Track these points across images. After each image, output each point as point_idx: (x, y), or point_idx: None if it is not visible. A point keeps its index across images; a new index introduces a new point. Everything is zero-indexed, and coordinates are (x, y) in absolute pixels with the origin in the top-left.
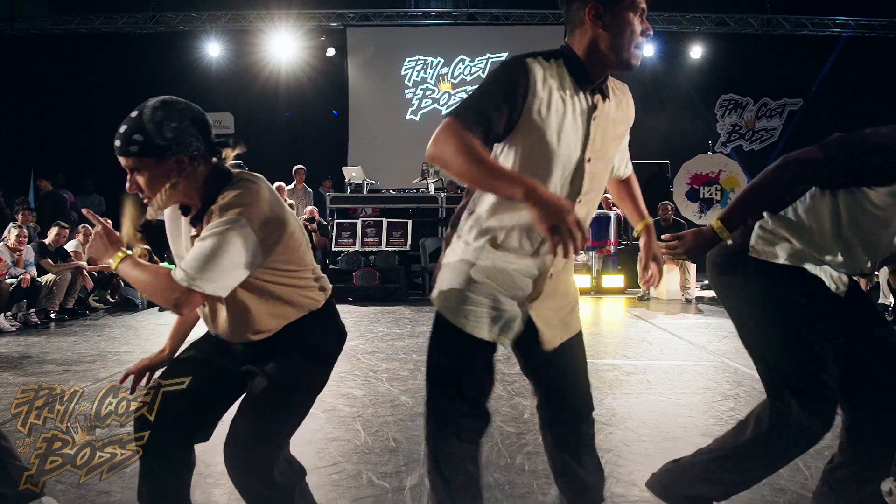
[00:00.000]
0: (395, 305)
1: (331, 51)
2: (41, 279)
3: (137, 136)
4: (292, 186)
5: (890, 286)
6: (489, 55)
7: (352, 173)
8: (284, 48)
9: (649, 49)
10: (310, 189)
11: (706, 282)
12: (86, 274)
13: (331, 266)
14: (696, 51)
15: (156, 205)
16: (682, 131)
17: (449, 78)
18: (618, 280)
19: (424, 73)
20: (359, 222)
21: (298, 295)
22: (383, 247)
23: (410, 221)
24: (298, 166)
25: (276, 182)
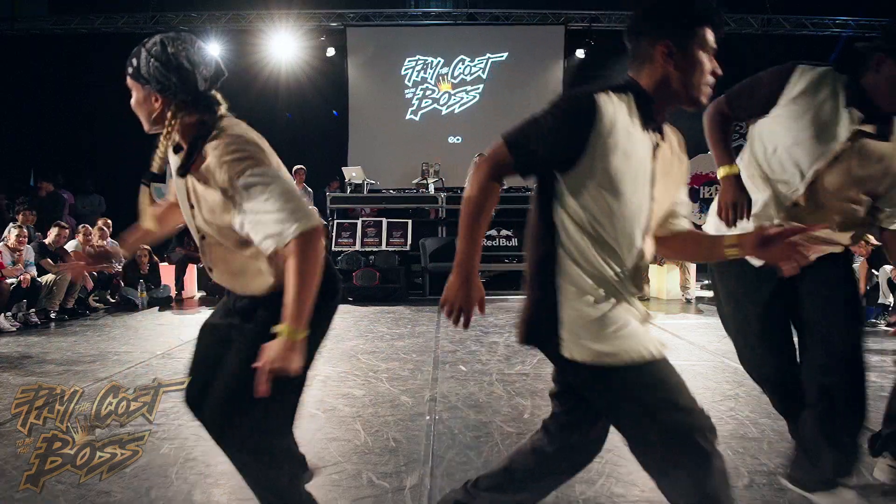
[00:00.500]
0: (395, 305)
1: (331, 51)
2: (41, 279)
3: (133, 61)
4: None
5: (890, 286)
6: (489, 55)
7: (352, 173)
8: (284, 48)
9: None
10: (310, 189)
11: (706, 282)
12: (86, 274)
13: None
14: None
15: (156, 159)
16: (682, 131)
17: (449, 78)
18: None
19: (424, 73)
20: (359, 222)
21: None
22: (383, 247)
23: (410, 221)
24: (298, 166)
25: None
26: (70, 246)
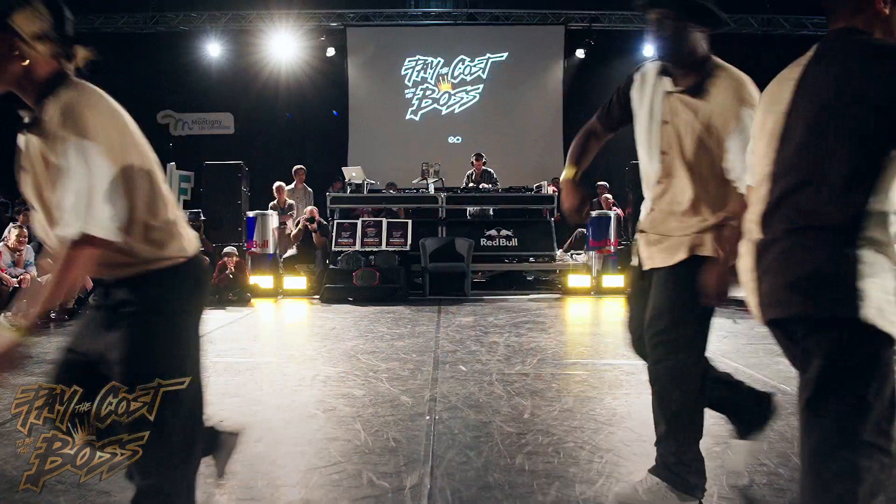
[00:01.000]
0: (395, 305)
1: (331, 51)
2: (41, 279)
3: None
4: (292, 186)
5: None
6: (489, 55)
7: (352, 173)
8: (284, 48)
9: (649, 49)
10: (310, 189)
11: None
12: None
13: (331, 266)
14: None
15: None
16: None
17: (449, 78)
18: (618, 280)
19: (424, 73)
20: (359, 222)
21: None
22: (383, 247)
23: (410, 221)
24: (298, 166)
25: (277, 182)
26: None
